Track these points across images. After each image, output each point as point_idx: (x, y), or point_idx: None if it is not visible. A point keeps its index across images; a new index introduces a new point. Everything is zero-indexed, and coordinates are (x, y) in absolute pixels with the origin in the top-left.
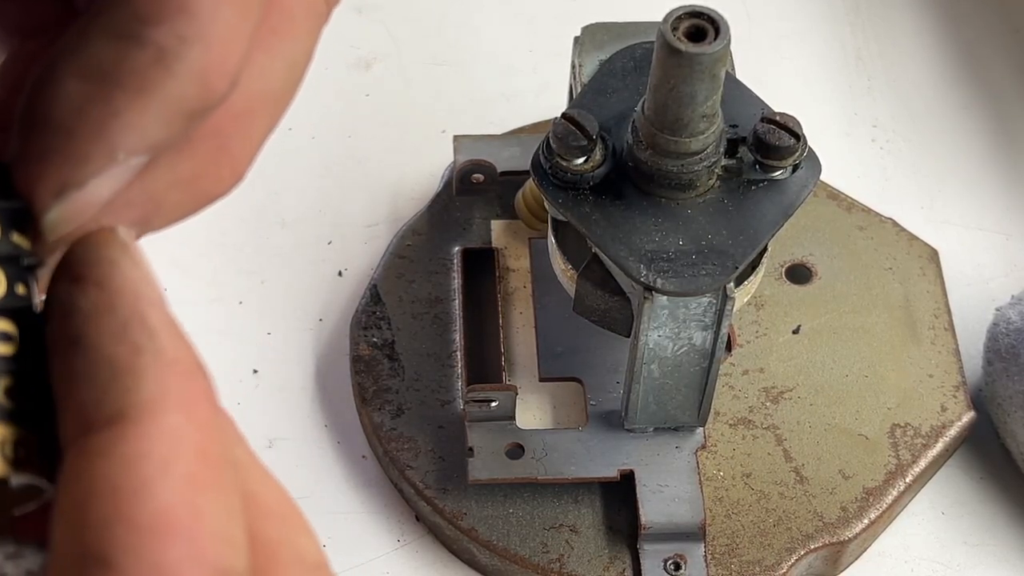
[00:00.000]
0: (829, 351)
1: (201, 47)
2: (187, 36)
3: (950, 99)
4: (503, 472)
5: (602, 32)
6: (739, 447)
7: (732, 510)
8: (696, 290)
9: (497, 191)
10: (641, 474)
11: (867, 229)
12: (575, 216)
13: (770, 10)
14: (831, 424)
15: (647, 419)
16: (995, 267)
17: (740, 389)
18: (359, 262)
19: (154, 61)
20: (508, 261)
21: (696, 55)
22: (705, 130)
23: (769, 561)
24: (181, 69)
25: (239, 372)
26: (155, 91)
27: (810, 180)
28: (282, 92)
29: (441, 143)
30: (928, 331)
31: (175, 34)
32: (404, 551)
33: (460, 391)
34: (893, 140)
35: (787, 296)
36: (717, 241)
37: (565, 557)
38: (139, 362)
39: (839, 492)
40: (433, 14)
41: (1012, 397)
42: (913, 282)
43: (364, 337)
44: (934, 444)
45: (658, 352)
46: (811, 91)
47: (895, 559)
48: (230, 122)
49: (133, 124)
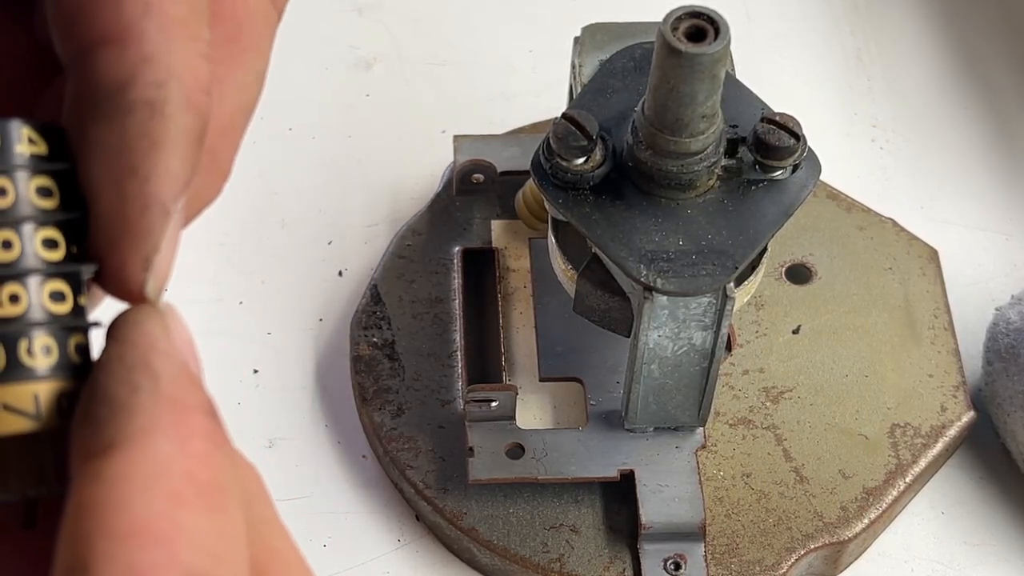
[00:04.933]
0: (829, 351)
1: (175, 82)
2: (160, 80)
3: (950, 99)
4: (503, 472)
5: (602, 32)
6: (739, 447)
7: (732, 510)
8: (696, 290)
9: (497, 191)
10: (641, 474)
11: (867, 229)
12: (575, 216)
13: (770, 10)
14: (831, 424)
15: (647, 419)
16: (995, 267)
17: (740, 389)
18: (359, 262)
19: (149, 116)
20: (508, 261)
21: (696, 55)
22: (705, 130)
23: (769, 561)
24: (172, 109)
25: (239, 372)
26: (165, 140)
27: (810, 180)
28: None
29: (441, 143)
30: (928, 331)
31: (151, 83)
32: (404, 551)
33: (460, 391)
34: (893, 140)
35: (787, 296)
36: (717, 241)
37: (565, 557)
38: (135, 399)
39: (839, 492)
40: (433, 14)
41: (1012, 397)
42: (913, 282)
43: (364, 337)
44: (934, 444)
45: (658, 352)
46: (811, 91)
47: (895, 559)
48: (219, 138)
49: (166, 177)
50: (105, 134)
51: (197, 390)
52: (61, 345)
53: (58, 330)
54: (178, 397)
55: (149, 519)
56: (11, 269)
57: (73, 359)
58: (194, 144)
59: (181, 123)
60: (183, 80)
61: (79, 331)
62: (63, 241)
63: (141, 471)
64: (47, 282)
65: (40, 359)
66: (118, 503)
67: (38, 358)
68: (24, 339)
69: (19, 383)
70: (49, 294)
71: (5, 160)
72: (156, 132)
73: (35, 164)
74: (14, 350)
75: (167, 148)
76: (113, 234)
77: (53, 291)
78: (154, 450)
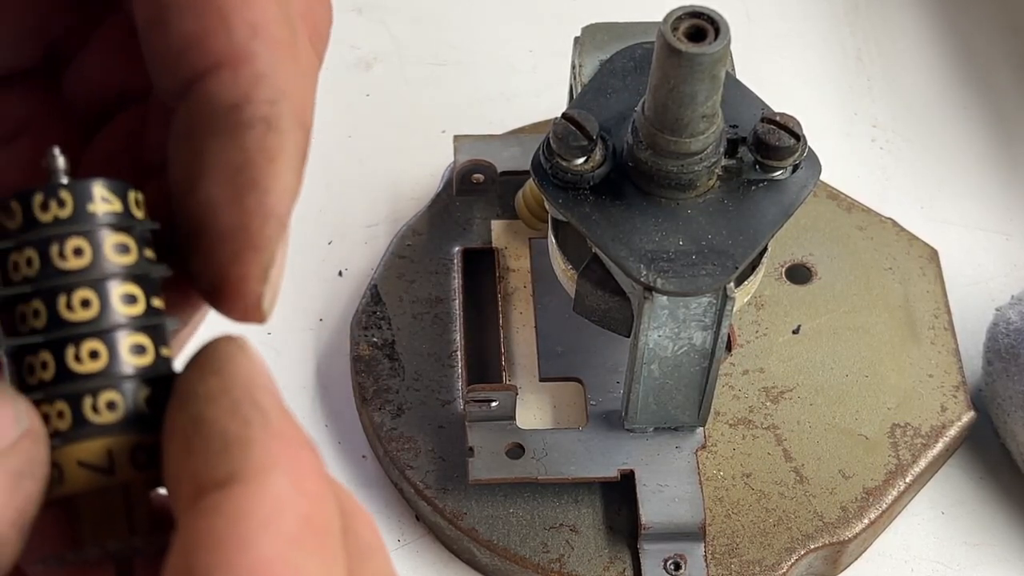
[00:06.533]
0: (829, 351)
1: (286, 99)
2: (273, 97)
3: (950, 99)
4: (503, 472)
5: (602, 32)
6: (739, 447)
7: (732, 510)
8: (696, 290)
9: (497, 191)
10: (641, 474)
11: (867, 229)
12: (575, 216)
13: (770, 10)
14: (831, 424)
15: (647, 419)
16: (995, 267)
17: (740, 389)
18: (359, 262)
19: (266, 132)
20: (508, 261)
21: (696, 55)
22: (705, 130)
23: (769, 561)
24: (287, 125)
25: None
26: (281, 154)
27: (810, 180)
28: None
29: (441, 143)
30: (928, 331)
31: (267, 101)
32: (404, 551)
33: (460, 391)
34: (893, 140)
35: (787, 296)
36: (717, 241)
37: (565, 557)
38: (248, 433)
39: (839, 492)
40: (433, 14)
41: (1012, 397)
42: (913, 282)
43: (364, 337)
44: (934, 444)
45: (658, 352)
46: (811, 91)
47: (895, 559)
48: None
49: (281, 189)
50: (224, 150)
51: (295, 423)
52: (136, 397)
53: (139, 381)
54: (286, 432)
55: (270, 559)
56: (91, 327)
57: (147, 411)
58: (302, 159)
59: (293, 138)
60: (292, 97)
61: (159, 381)
62: (142, 295)
63: (261, 508)
64: (129, 336)
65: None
66: (240, 539)
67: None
68: (104, 392)
69: (92, 439)
70: (130, 348)
71: (81, 221)
72: (272, 147)
73: (111, 221)
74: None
75: (283, 162)
76: (235, 247)
77: (134, 345)
78: (273, 487)
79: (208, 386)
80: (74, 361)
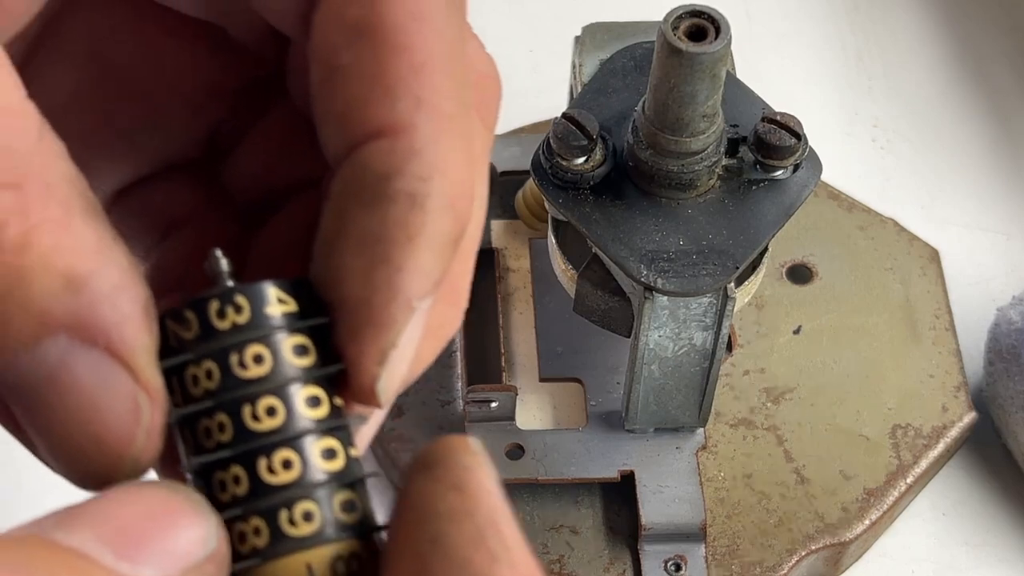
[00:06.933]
0: (830, 351)
1: (440, 179)
2: (426, 175)
3: (950, 99)
4: (503, 472)
5: (602, 32)
6: (740, 448)
7: (733, 511)
8: (697, 290)
9: (497, 191)
10: (641, 475)
11: (868, 229)
12: (575, 216)
13: (770, 10)
14: (832, 425)
15: (647, 419)
16: (996, 267)
17: (741, 390)
18: None
19: (409, 208)
20: (508, 261)
21: (696, 55)
22: (706, 130)
23: (770, 562)
24: (434, 205)
25: None
26: (421, 233)
27: (811, 180)
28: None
29: None
30: (929, 331)
31: (417, 177)
32: None
33: (460, 391)
34: (893, 140)
35: (787, 296)
36: (717, 241)
37: (565, 558)
38: (495, 570)
39: (840, 493)
40: None
41: (1013, 398)
42: (914, 282)
43: None
44: (935, 445)
45: (658, 352)
46: (811, 91)
47: (896, 560)
48: (459, 261)
49: (416, 270)
50: (364, 221)
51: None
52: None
53: (333, 487)
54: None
55: None
56: (280, 435)
57: (344, 519)
58: (449, 247)
59: (439, 221)
60: (447, 178)
61: (349, 487)
62: (325, 396)
63: None
64: (318, 441)
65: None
66: None
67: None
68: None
69: (291, 554)
70: (321, 452)
71: (258, 326)
72: (414, 225)
73: (288, 323)
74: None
75: (422, 243)
76: (354, 323)
77: (324, 449)
78: None
79: (449, 505)
80: (267, 473)
